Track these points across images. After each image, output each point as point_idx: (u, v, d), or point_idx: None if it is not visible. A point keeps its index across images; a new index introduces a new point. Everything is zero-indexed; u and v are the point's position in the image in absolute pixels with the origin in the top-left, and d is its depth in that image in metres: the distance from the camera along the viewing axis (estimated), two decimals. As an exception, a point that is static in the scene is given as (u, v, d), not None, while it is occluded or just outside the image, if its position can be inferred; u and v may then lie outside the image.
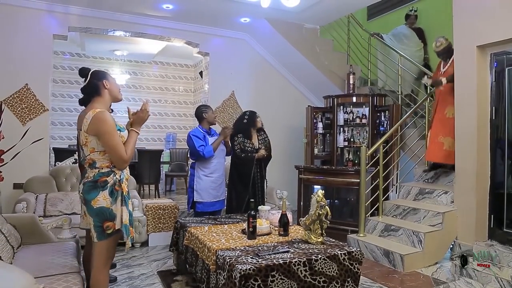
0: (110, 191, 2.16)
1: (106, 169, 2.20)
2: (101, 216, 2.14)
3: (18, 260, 2.55)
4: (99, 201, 2.14)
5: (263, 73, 6.41)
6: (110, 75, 2.37)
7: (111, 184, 2.17)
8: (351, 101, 5.51)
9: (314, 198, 2.77)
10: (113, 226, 2.15)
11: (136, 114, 2.35)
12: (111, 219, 2.15)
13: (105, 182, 2.16)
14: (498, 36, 3.61)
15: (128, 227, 2.19)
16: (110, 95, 2.32)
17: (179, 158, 7.83)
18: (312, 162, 5.56)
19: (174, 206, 4.66)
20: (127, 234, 2.18)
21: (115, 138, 2.16)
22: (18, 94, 4.82)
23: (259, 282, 2.25)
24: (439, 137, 4.39)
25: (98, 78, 2.28)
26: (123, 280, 3.37)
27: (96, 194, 2.14)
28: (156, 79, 9.04)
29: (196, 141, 3.83)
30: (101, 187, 2.15)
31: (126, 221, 2.17)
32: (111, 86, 2.30)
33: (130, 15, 5.39)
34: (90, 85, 2.27)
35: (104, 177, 2.17)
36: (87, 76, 2.28)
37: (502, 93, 3.76)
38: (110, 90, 2.30)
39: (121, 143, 2.20)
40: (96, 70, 2.35)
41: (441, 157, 4.44)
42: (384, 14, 6.84)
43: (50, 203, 4.37)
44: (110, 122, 2.16)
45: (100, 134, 2.15)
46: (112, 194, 2.16)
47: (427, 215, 4.11)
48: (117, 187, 2.18)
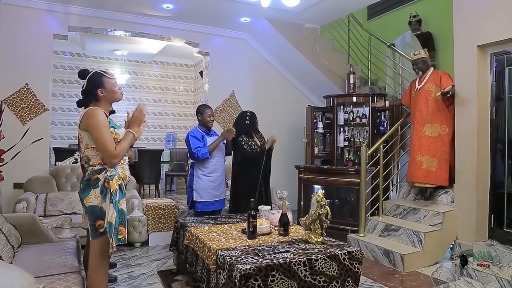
0: (101, 189, 2.16)
1: (99, 167, 2.21)
2: (93, 215, 2.14)
3: (18, 259, 2.55)
4: (90, 199, 2.15)
5: (263, 73, 6.41)
6: (109, 77, 2.34)
7: (102, 182, 2.17)
8: (351, 100, 5.51)
9: (314, 198, 2.77)
10: (104, 224, 2.14)
11: (132, 116, 2.36)
12: (102, 217, 2.14)
13: (97, 180, 2.17)
14: (498, 36, 3.61)
15: (113, 226, 2.12)
16: (107, 100, 2.34)
17: (179, 158, 7.83)
18: (312, 162, 5.56)
19: (174, 206, 4.66)
20: (109, 233, 2.10)
21: (103, 133, 2.17)
22: (18, 93, 4.82)
23: (259, 281, 2.25)
24: (417, 155, 4.25)
25: (94, 86, 2.29)
26: (123, 280, 3.37)
27: (88, 193, 2.16)
28: (156, 79, 9.04)
29: (193, 142, 3.83)
30: (92, 185, 2.16)
31: (111, 219, 2.11)
32: (106, 94, 2.31)
33: (130, 15, 5.39)
34: (86, 92, 2.31)
35: (96, 175, 2.18)
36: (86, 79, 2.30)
37: (502, 92, 3.76)
38: (106, 97, 2.33)
39: (111, 138, 2.20)
40: (93, 75, 2.32)
41: (419, 177, 4.25)
42: (384, 14, 6.83)
43: (50, 202, 4.37)
44: (99, 117, 2.18)
45: (89, 128, 2.18)
46: (102, 192, 2.16)
47: (427, 215, 4.11)
48: (106, 184, 2.17)
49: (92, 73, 2.33)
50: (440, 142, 4.18)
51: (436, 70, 4.45)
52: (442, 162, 4.16)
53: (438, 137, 4.19)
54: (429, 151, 4.20)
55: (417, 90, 4.38)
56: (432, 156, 4.19)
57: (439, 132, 4.19)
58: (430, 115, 4.22)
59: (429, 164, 4.20)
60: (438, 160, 4.16)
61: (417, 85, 4.41)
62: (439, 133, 4.19)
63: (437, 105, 4.19)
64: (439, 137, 4.19)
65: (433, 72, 4.34)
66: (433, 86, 4.23)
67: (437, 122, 4.19)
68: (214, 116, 4.19)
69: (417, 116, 4.32)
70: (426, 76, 4.34)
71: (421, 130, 4.27)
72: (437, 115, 4.19)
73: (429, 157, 4.20)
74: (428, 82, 4.30)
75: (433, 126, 4.21)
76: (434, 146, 4.19)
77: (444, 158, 4.17)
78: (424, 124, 4.25)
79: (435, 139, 4.19)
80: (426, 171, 4.20)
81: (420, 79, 4.40)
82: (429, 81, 4.29)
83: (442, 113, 4.18)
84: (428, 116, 4.23)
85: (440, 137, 4.18)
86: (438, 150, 4.17)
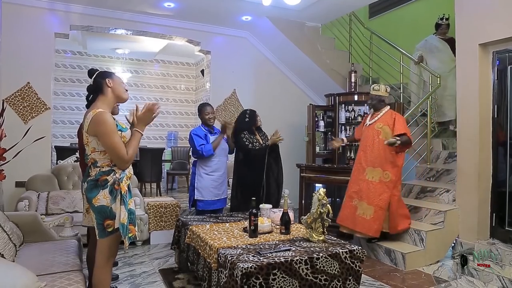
0: (110, 190, 2.17)
1: (107, 168, 2.20)
2: (102, 214, 2.14)
3: (20, 258, 2.56)
4: (99, 199, 2.15)
5: (265, 71, 6.41)
6: (117, 76, 2.38)
7: (111, 183, 2.17)
8: (353, 99, 5.50)
9: (315, 197, 2.77)
10: (113, 224, 2.16)
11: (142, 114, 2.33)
12: (112, 217, 2.15)
13: (105, 181, 2.17)
14: (500, 34, 3.60)
15: (126, 226, 2.18)
16: (114, 93, 2.31)
17: (181, 157, 7.82)
18: (313, 160, 5.56)
19: (175, 204, 4.66)
20: (123, 233, 2.16)
21: (114, 139, 2.16)
22: (20, 92, 4.83)
23: (261, 280, 2.25)
24: (354, 200, 3.94)
25: (101, 77, 2.30)
26: (125, 278, 3.38)
27: (96, 193, 2.15)
28: (158, 78, 9.04)
29: (196, 140, 3.84)
30: (101, 186, 2.16)
31: (123, 220, 2.16)
32: (114, 85, 2.31)
33: (131, 14, 5.39)
34: (94, 83, 2.31)
35: (105, 176, 2.17)
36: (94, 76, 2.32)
37: (504, 91, 3.75)
38: (114, 89, 2.31)
39: (121, 143, 2.20)
40: (102, 71, 2.38)
41: (349, 222, 3.94)
42: (386, 12, 6.82)
43: (52, 201, 4.38)
44: (109, 123, 2.15)
45: (99, 135, 2.16)
46: (112, 193, 2.17)
47: (429, 214, 4.11)
48: (116, 186, 2.18)
49: (101, 70, 2.38)
50: (380, 189, 3.81)
51: (391, 110, 4.03)
52: (378, 212, 3.79)
53: (379, 183, 3.82)
54: (367, 197, 3.83)
55: (367, 126, 4.04)
56: (369, 203, 3.81)
57: (381, 179, 3.82)
58: (374, 158, 3.87)
59: (363, 212, 3.84)
60: (375, 209, 3.79)
61: (368, 120, 4.08)
62: (380, 180, 3.82)
63: (384, 149, 3.82)
64: (380, 183, 3.81)
65: (387, 112, 3.96)
66: (383, 127, 3.87)
67: (380, 167, 3.83)
68: (215, 114, 4.18)
69: (361, 155, 4.01)
70: (378, 114, 3.97)
71: (362, 172, 3.94)
72: (381, 160, 3.83)
73: (365, 203, 3.84)
74: (379, 121, 3.93)
75: (375, 171, 3.85)
76: (373, 192, 3.82)
77: (381, 207, 3.79)
78: (366, 166, 3.91)
79: (375, 186, 3.83)
80: (358, 218, 3.87)
81: (372, 115, 4.06)
82: (381, 120, 3.92)
83: (387, 158, 3.82)
84: (371, 158, 3.88)
85: (381, 184, 3.81)
86: (376, 197, 3.80)
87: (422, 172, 4.90)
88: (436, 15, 5.34)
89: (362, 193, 3.91)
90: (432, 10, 5.72)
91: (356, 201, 3.94)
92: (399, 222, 3.88)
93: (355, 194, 3.96)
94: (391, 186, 3.82)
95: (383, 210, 3.81)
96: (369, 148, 3.93)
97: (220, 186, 3.98)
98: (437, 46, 5.20)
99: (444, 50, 5.14)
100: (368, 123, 4.05)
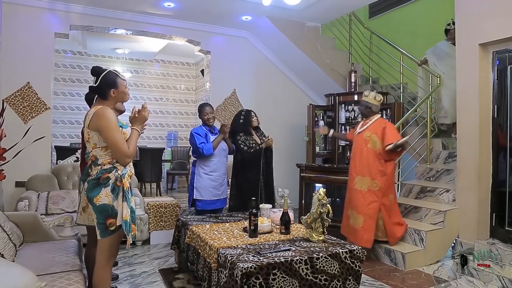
0: (112, 188, 2.17)
1: (108, 166, 2.21)
2: (104, 213, 2.14)
3: (20, 258, 2.55)
4: (101, 198, 2.15)
5: (265, 71, 6.41)
6: (122, 78, 2.35)
7: (113, 180, 2.18)
8: (353, 99, 5.50)
9: (315, 196, 2.77)
10: (115, 223, 2.16)
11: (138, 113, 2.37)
12: (114, 216, 2.15)
13: (107, 178, 2.17)
14: (500, 34, 3.60)
15: (128, 223, 2.18)
16: (116, 100, 2.36)
17: (181, 156, 7.82)
18: (313, 160, 5.56)
19: (175, 204, 4.66)
20: (126, 231, 2.16)
21: (116, 133, 2.18)
22: (19, 92, 4.83)
23: (261, 280, 2.25)
24: (348, 209, 3.97)
25: (107, 86, 2.28)
26: (125, 278, 3.38)
27: (98, 192, 2.15)
28: (158, 77, 9.04)
29: (197, 139, 3.85)
30: (103, 184, 2.16)
31: (126, 217, 2.16)
32: (117, 95, 2.32)
33: (131, 13, 5.39)
34: (98, 90, 2.30)
35: (106, 174, 2.18)
36: (98, 77, 2.28)
37: (504, 91, 3.75)
38: (116, 97, 2.34)
39: (123, 138, 2.22)
40: (107, 74, 2.30)
41: (346, 232, 3.98)
42: (386, 12, 6.82)
43: (52, 201, 4.38)
44: (110, 117, 2.18)
45: (101, 129, 2.17)
46: (113, 191, 2.17)
47: (429, 214, 4.11)
48: (119, 183, 2.18)
49: (107, 72, 2.31)
50: (369, 198, 3.76)
51: (381, 119, 4.01)
52: (367, 221, 3.75)
53: (368, 192, 3.78)
54: (356, 206, 3.81)
55: (356, 134, 4.01)
56: (358, 212, 3.79)
57: (370, 188, 3.77)
58: (363, 166, 3.84)
59: (354, 221, 3.83)
60: (364, 218, 3.75)
61: (358, 128, 4.03)
62: (369, 188, 3.78)
63: (373, 157, 3.80)
64: (369, 192, 3.77)
65: (377, 121, 3.91)
66: (371, 136, 3.83)
67: (369, 176, 3.79)
68: (215, 114, 4.18)
69: (352, 164, 4.01)
70: (368, 123, 3.92)
71: (352, 181, 3.92)
72: (370, 168, 3.80)
73: (355, 213, 3.82)
74: (368, 130, 3.88)
75: (364, 180, 3.81)
76: (361, 201, 3.79)
77: (370, 216, 3.75)
78: (356, 175, 3.89)
79: (363, 194, 3.79)
80: (351, 227, 3.88)
81: (362, 123, 4.02)
82: (369, 129, 3.88)
83: (376, 167, 3.79)
84: (360, 167, 3.86)
85: (370, 193, 3.77)
86: (365, 206, 3.76)
87: (422, 172, 4.89)
88: (436, 15, 5.35)
89: (352, 202, 3.91)
90: (432, 10, 5.72)
91: (350, 211, 3.96)
92: (396, 230, 3.87)
93: (348, 204, 3.99)
94: (380, 194, 3.78)
95: (373, 220, 3.76)
96: (358, 157, 3.92)
97: (219, 186, 3.98)
98: (447, 51, 5.08)
99: (453, 55, 4.95)
100: (358, 131, 4.02)
